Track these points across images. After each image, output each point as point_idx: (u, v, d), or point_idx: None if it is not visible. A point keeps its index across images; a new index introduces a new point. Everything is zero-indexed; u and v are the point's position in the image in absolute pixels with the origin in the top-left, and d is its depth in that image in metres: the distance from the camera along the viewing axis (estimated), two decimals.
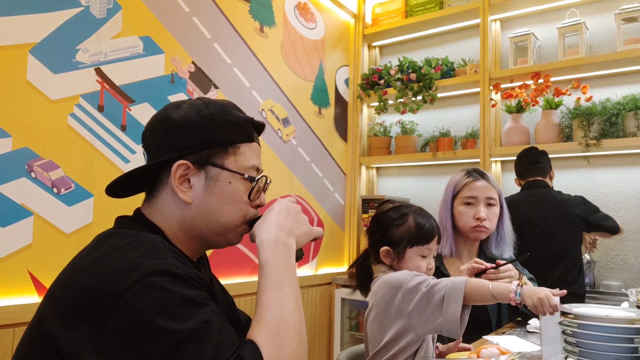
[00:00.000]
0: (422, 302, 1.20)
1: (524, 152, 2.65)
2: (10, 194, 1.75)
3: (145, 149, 0.94)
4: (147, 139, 0.93)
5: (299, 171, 3.10)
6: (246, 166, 0.93)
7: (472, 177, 1.84)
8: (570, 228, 2.43)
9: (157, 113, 0.95)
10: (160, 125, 0.92)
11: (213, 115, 0.91)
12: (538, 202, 2.47)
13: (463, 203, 1.81)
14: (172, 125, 0.90)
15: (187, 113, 0.91)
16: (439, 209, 1.89)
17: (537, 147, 2.67)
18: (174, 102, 0.96)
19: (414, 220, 1.34)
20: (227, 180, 0.91)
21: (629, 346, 1.02)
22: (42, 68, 1.86)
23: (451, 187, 1.87)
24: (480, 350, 1.36)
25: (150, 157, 0.92)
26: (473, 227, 1.78)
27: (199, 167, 0.89)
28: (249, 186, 0.93)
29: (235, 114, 0.94)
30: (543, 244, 2.41)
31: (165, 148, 0.90)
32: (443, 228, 1.84)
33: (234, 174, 0.91)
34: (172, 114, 0.91)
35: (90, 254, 0.81)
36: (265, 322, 0.78)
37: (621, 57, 2.69)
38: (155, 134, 0.92)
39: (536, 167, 2.59)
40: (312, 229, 0.97)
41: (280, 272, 0.85)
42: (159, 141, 0.91)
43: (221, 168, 0.90)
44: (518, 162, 2.68)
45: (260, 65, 2.85)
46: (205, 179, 0.90)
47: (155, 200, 0.92)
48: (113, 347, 0.70)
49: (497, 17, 3.27)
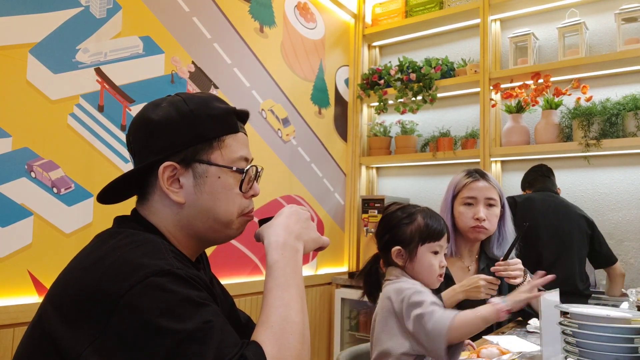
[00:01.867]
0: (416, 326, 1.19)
1: (534, 168, 2.76)
2: (10, 194, 1.75)
3: (131, 153, 0.92)
4: (131, 143, 0.91)
5: (299, 171, 3.10)
6: (233, 158, 0.91)
7: (473, 178, 1.84)
8: (579, 229, 2.49)
9: (137, 114, 0.93)
10: (140, 127, 0.90)
11: (193, 111, 0.89)
12: (552, 201, 2.55)
13: (463, 203, 1.81)
14: (153, 126, 0.88)
15: (166, 112, 0.89)
16: (440, 208, 1.89)
17: (545, 164, 2.77)
18: (153, 101, 0.93)
19: (423, 218, 1.34)
20: (215, 175, 0.89)
21: (629, 346, 1.02)
22: (42, 68, 1.86)
23: (452, 187, 1.87)
24: (480, 350, 1.36)
25: (136, 161, 0.91)
26: (472, 227, 1.78)
27: (185, 166, 0.88)
28: (239, 178, 0.92)
29: (217, 106, 0.92)
30: (554, 241, 2.48)
31: (149, 150, 0.88)
32: None
33: (222, 168, 0.90)
34: (152, 114, 0.89)
35: (91, 254, 0.81)
36: (270, 323, 0.78)
37: (621, 57, 2.69)
38: (138, 137, 0.90)
39: (545, 179, 2.68)
40: (320, 237, 0.98)
41: (287, 274, 0.85)
42: (142, 144, 0.89)
43: (208, 164, 0.89)
44: (527, 174, 2.76)
45: (260, 65, 2.85)
46: (194, 177, 0.88)
47: (148, 203, 0.91)
48: (114, 348, 0.70)
49: (497, 17, 3.27)
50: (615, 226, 2.79)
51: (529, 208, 2.50)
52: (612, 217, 2.83)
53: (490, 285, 1.62)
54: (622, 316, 1.08)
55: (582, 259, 2.50)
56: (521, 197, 2.60)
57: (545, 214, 2.50)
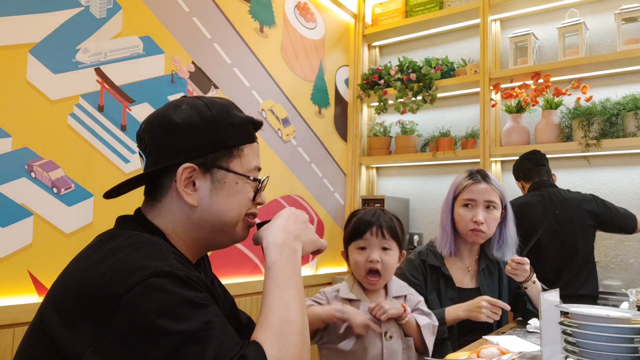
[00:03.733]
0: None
1: (527, 155, 2.60)
2: (10, 194, 1.75)
3: (143, 150, 0.91)
4: (146, 141, 0.91)
5: (299, 171, 3.10)
6: (250, 168, 0.93)
7: (473, 179, 1.81)
8: (581, 226, 2.37)
9: (154, 113, 0.93)
10: (160, 127, 0.90)
11: (216, 117, 0.90)
12: (548, 202, 2.41)
13: (462, 205, 1.80)
14: (174, 128, 0.88)
15: (188, 115, 0.89)
16: (441, 209, 1.89)
17: (538, 150, 2.63)
18: (172, 101, 0.93)
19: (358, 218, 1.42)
20: (233, 182, 0.91)
21: (629, 346, 1.02)
22: (42, 68, 1.86)
23: (453, 188, 1.86)
24: (480, 350, 1.36)
25: (149, 159, 0.90)
26: (470, 230, 1.77)
27: (204, 170, 0.89)
28: (253, 186, 0.94)
29: (237, 115, 0.93)
30: (555, 244, 2.37)
31: (166, 151, 0.88)
32: (443, 228, 1.84)
33: (240, 176, 0.91)
34: (173, 115, 0.89)
35: (92, 255, 0.81)
36: (270, 323, 0.78)
37: (621, 57, 2.69)
38: (155, 136, 0.90)
39: (541, 169, 2.54)
40: (318, 239, 0.99)
41: (286, 275, 0.86)
42: (159, 143, 0.89)
43: (227, 170, 0.90)
44: (520, 165, 2.61)
45: (260, 65, 2.85)
46: (212, 182, 0.89)
47: (159, 204, 0.91)
48: (115, 348, 0.70)
49: (497, 17, 3.27)
50: None
51: (525, 216, 2.32)
52: None
53: (492, 308, 1.58)
54: (622, 316, 1.08)
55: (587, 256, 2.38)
56: (516, 202, 2.42)
57: (542, 219, 2.36)
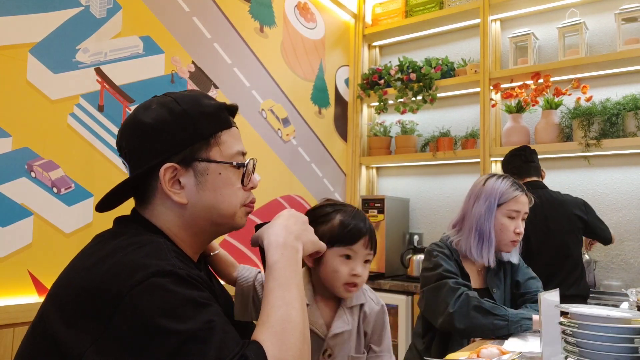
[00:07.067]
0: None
1: (516, 152, 2.59)
2: (10, 194, 1.75)
3: (124, 158, 0.90)
4: (124, 148, 0.90)
5: (299, 171, 3.10)
6: (231, 153, 0.92)
7: (520, 191, 1.79)
8: (571, 228, 2.41)
9: (126, 119, 0.91)
10: (133, 131, 0.88)
11: (186, 110, 0.88)
12: (538, 204, 2.38)
13: (507, 215, 1.77)
14: (146, 129, 0.87)
15: (158, 114, 0.87)
16: (475, 213, 1.79)
17: (528, 145, 2.63)
18: (143, 103, 0.92)
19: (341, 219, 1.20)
20: (216, 172, 0.90)
21: (629, 346, 1.02)
22: (42, 68, 1.86)
23: (495, 195, 1.78)
24: (480, 350, 1.36)
25: (131, 166, 0.89)
26: (512, 241, 1.78)
27: (185, 165, 0.88)
28: (239, 173, 0.92)
29: (208, 103, 0.91)
30: (547, 246, 2.39)
31: (145, 154, 0.87)
32: (481, 236, 1.76)
33: (222, 164, 0.90)
34: (143, 117, 0.88)
35: (93, 255, 0.81)
36: (271, 323, 0.78)
37: (621, 57, 2.69)
38: (131, 142, 0.88)
39: (530, 166, 2.54)
40: (318, 240, 1.00)
41: (288, 274, 0.86)
42: (137, 148, 0.88)
43: (208, 161, 0.89)
44: (510, 161, 2.59)
45: (260, 65, 2.85)
46: (195, 176, 0.88)
47: (150, 206, 0.90)
48: (116, 348, 0.70)
49: (497, 17, 3.27)
50: (615, 226, 2.78)
51: None
52: (612, 217, 2.83)
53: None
54: (622, 316, 1.08)
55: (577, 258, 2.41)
56: None
57: (534, 226, 2.34)
